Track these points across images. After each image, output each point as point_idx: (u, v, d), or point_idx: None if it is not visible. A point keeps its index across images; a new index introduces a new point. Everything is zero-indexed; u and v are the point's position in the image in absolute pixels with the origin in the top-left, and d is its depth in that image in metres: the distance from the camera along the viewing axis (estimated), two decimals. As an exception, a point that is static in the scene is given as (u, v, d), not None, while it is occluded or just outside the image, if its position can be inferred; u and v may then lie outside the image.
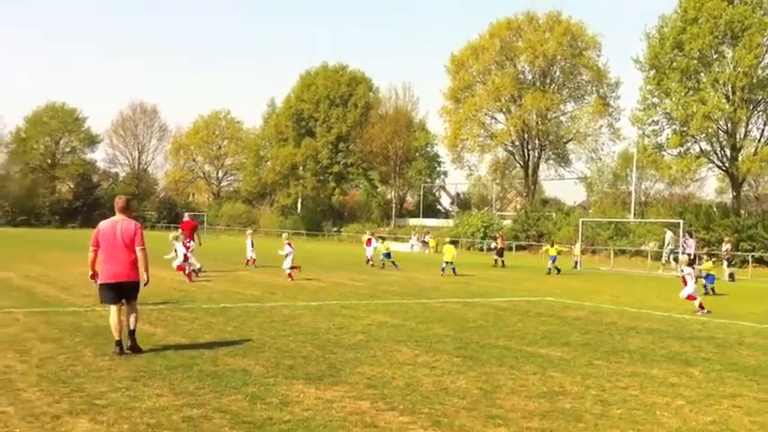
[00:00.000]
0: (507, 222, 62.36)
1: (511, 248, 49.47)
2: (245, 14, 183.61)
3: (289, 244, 23.47)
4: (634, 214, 52.33)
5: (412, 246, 57.71)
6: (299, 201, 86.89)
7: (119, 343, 10.04)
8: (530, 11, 62.88)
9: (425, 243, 57.70)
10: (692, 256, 35.22)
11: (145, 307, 15.29)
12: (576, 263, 39.51)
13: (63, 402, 7.42)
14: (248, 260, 29.39)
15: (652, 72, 46.94)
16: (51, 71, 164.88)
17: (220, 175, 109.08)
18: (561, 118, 65.12)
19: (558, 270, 31.54)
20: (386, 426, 6.98)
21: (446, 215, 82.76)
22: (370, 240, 32.81)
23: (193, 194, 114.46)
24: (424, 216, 75.45)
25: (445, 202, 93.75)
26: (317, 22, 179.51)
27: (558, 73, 63.68)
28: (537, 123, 62.69)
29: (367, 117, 77.65)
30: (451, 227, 64.80)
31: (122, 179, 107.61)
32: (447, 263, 28.72)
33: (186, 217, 28.89)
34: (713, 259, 25.83)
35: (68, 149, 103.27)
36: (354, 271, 29.37)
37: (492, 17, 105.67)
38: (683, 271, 18.92)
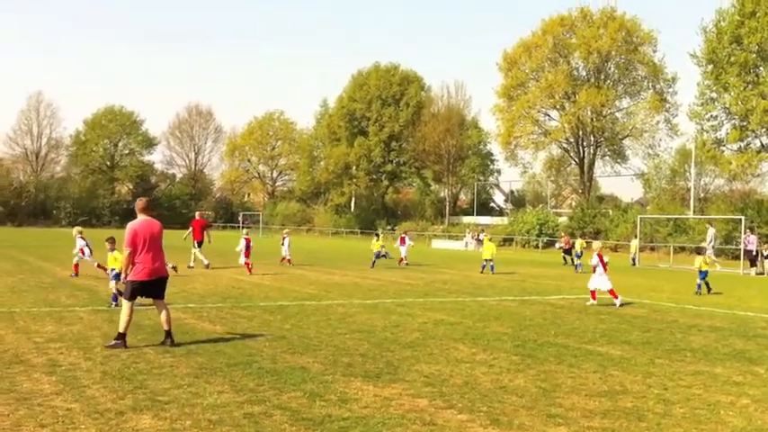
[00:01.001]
0: (563, 219, 61.70)
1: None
2: (297, 16, 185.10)
3: (247, 240, 24.67)
4: (693, 210, 51.28)
5: (466, 244, 57.50)
6: (353, 199, 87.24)
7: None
8: (583, 7, 62.21)
9: (480, 241, 57.36)
10: (753, 253, 34.62)
11: (204, 305, 15.56)
12: (634, 260, 38.92)
13: (127, 399, 7.56)
14: (283, 258, 29.52)
15: (710, 67, 45.99)
16: (109, 75, 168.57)
17: (275, 175, 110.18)
18: (617, 114, 64.21)
19: (709, 288, 21.89)
20: (444, 424, 6.96)
21: (500, 213, 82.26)
22: (403, 239, 32.49)
23: (249, 194, 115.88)
24: (478, 214, 75.09)
25: (499, 199, 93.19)
26: (368, 23, 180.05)
27: (612, 69, 62.79)
28: (592, 120, 61.86)
29: (419, 116, 77.57)
30: (506, 224, 64.36)
31: (179, 180, 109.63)
32: (486, 260, 28.26)
33: (197, 215, 29.30)
34: (706, 255, 23.86)
35: (127, 151, 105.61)
36: (408, 269, 29.38)
37: (544, 14, 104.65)
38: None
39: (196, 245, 26.80)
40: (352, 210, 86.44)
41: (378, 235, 29.76)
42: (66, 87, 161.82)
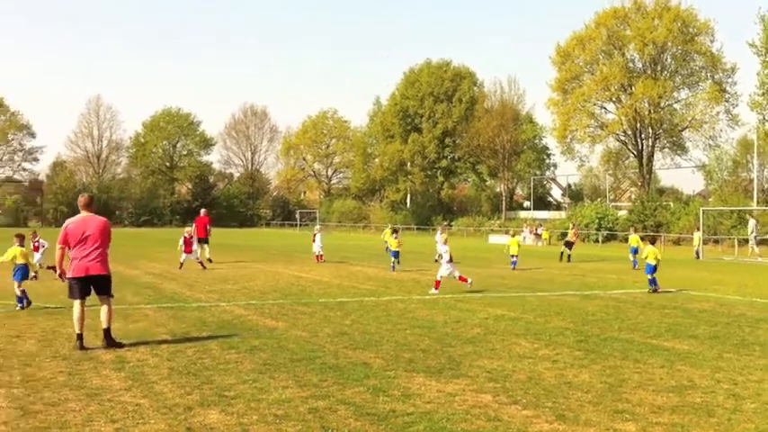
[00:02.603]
0: (622, 213, 60.76)
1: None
2: (348, 14, 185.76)
3: (36, 242, 22.41)
4: (757, 202, 49.97)
5: (524, 238, 57.03)
6: (409, 196, 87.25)
7: (80, 336, 10.26)
8: (637, -1, 61.05)
9: (538, 235, 56.92)
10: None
11: (265, 302, 15.73)
12: (698, 253, 38.13)
13: (194, 394, 7.69)
14: (316, 256, 29.22)
15: (769, 56, 44.75)
16: (166, 78, 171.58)
17: (330, 172, 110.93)
18: (675, 105, 62.94)
19: None
20: (509, 420, 6.91)
21: (557, 207, 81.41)
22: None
23: (305, 192, 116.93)
24: (535, 208, 74.44)
25: (556, 193, 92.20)
26: (420, 19, 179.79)
27: (669, 60, 61.54)
28: (649, 112, 60.74)
29: (472, 111, 77.15)
30: (563, 218, 63.65)
31: (237, 179, 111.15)
32: (513, 256, 27.34)
33: (202, 213, 29.62)
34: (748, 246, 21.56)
35: (185, 152, 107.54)
36: (467, 264, 29.22)
37: (597, 6, 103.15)
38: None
39: (198, 241, 27.06)
40: (408, 206, 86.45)
41: (396, 231, 28.70)
42: (124, 91, 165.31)
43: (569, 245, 33.12)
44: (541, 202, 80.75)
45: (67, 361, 9.31)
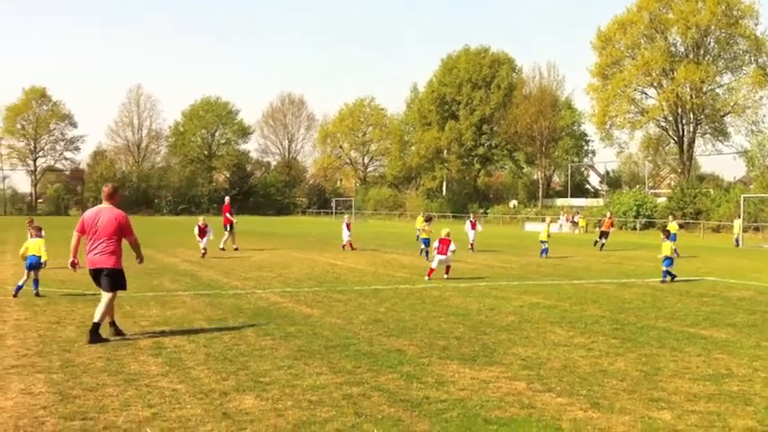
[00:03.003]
0: (662, 200, 60.01)
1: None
2: (386, 1, 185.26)
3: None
4: (801, 189, 49.03)
5: (561, 226, 56.65)
6: (445, 183, 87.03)
7: (112, 324, 10.23)
8: (681, -18, 60.00)
9: (575, 223, 56.45)
10: None
11: (301, 289, 15.84)
12: (738, 241, 37.54)
13: (230, 380, 7.78)
14: (345, 244, 28.95)
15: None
16: (205, 67, 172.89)
17: (366, 160, 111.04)
18: (717, 90, 61.92)
19: None
20: (543, 407, 6.89)
21: (595, 194, 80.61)
22: (474, 223, 31.29)
23: (341, 180, 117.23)
24: (572, 196, 73.81)
25: (594, 180, 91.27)
26: (458, 5, 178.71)
27: (712, 44, 60.50)
28: (691, 97, 59.81)
29: (510, 98, 76.64)
30: (601, 206, 63.04)
31: (274, 168, 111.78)
32: (543, 241, 27.28)
33: (226, 201, 29.79)
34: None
35: (223, 141, 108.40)
36: (503, 252, 29.14)
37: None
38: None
39: (228, 228, 27.92)
40: (444, 194, 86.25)
41: (429, 219, 27.84)
42: (164, 80, 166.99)
43: (604, 234, 32.81)
44: (579, 190, 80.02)
45: (106, 347, 9.47)
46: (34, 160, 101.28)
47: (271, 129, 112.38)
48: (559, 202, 73.31)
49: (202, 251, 25.00)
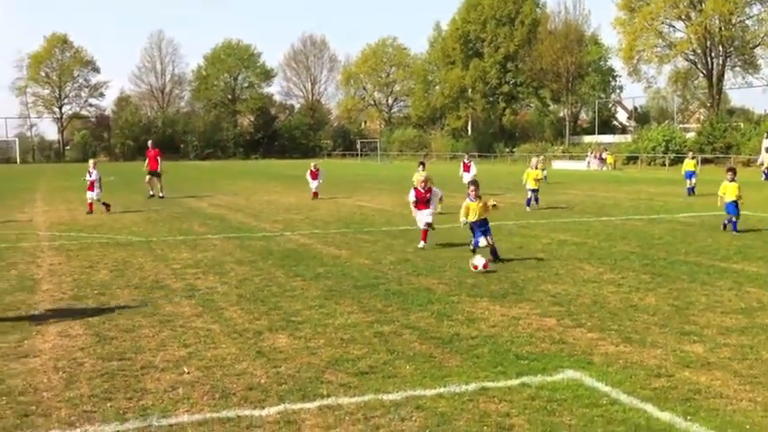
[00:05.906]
0: (691, 135, 59.11)
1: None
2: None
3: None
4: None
5: (588, 163, 56.13)
6: (470, 123, 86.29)
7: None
8: None
9: (603, 160, 55.89)
10: None
11: (329, 231, 15.90)
12: (766, 174, 37.02)
13: (263, 320, 7.88)
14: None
15: None
16: (225, 9, 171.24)
17: (390, 101, 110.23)
18: (747, 22, 60.21)
19: None
20: (575, 342, 6.91)
21: (623, 131, 79.57)
22: (467, 165, 28.48)
23: (365, 122, 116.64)
24: (600, 133, 72.85)
25: (622, 116, 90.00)
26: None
27: (742, -28, 58.69)
28: (720, 29, 58.34)
29: (535, 34, 75.25)
30: (629, 142, 62.27)
31: (297, 111, 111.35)
32: (532, 191, 21.73)
33: (149, 144, 28.32)
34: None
35: (246, 85, 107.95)
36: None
37: None
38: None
39: (151, 174, 26.83)
40: (470, 133, 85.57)
41: (422, 164, 23.86)
42: (185, 23, 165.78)
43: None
44: (606, 126, 78.96)
45: (140, 290, 9.61)
46: (60, 107, 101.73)
47: (293, 71, 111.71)
48: (587, 139, 72.43)
49: (313, 193, 25.50)
